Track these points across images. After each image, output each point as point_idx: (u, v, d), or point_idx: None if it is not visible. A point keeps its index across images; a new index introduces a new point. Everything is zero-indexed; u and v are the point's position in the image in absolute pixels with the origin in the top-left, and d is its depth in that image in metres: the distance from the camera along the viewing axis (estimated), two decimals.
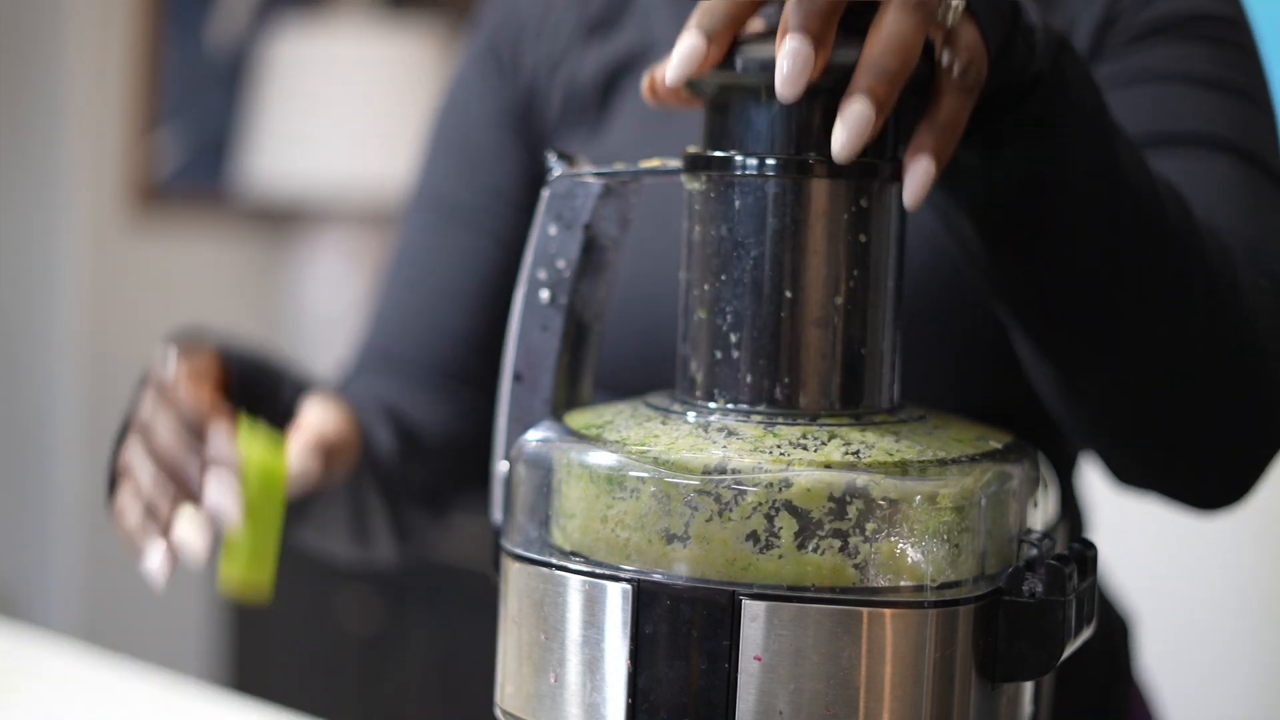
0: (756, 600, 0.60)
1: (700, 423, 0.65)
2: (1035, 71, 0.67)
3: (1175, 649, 1.80)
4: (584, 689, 0.63)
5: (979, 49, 0.63)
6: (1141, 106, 0.84)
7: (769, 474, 0.61)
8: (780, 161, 0.64)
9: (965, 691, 0.63)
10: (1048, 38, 0.68)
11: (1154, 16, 0.87)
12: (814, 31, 0.59)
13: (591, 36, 1.01)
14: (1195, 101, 0.84)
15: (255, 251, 3.12)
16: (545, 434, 0.68)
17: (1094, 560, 0.67)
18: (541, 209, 0.73)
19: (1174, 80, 0.85)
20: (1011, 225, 0.70)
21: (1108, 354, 0.74)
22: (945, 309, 0.86)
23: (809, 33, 0.59)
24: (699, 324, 0.66)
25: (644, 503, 0.62)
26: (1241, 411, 0.78)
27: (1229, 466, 0.80)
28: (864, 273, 0.65)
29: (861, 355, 0.66)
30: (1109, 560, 1.16)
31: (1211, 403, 0.77)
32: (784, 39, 0.59)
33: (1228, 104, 0.85)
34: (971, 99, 0.63)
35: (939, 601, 0.61)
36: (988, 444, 0.67)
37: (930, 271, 0.84)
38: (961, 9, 0.63)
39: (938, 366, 0.86)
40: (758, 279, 0.65)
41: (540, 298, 0.73)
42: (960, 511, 0.62)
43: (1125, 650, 1.05)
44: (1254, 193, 0.82)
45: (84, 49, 2.86)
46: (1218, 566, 1.79)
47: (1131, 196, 0.71)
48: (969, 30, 0.63)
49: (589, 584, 0.63)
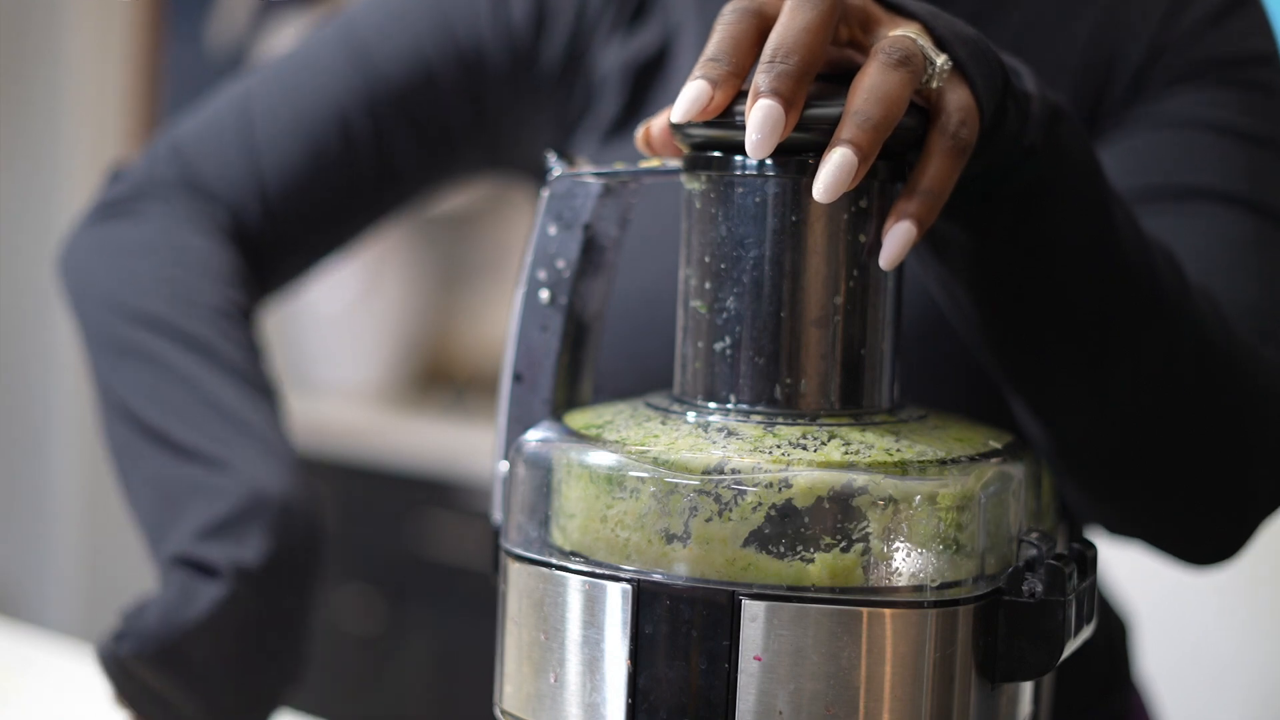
0: (756, 600, 0.60)
1: (700, 423, 0.65)
2: (1029, 143, 0.67)
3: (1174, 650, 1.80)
4: (584, 689, 0.63)
5: (971, 111, 0.63)
6: (1168, 153, 0.84)
7: (769, 474, 0.61)
8: (780, 161, 0.64)
9: (965, 691, 0.63)
10: (1043, 107, 0.67)
11: (1199, 59, 0.86)
12: (785, 94, 0.60)
13: (616, 27, 0.99)
14: (1222, 153, 0.84)
15: None
16: (545, 434, 0.68)
17: (1094, 560, 0.67)
18: (541, 209, 0.73)
19: (1204, 128, 0.85)
20: (1002, 291, 0.70)
21: (1094, 417, 0.74)
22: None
23: (779, 95, 0.60)
24: (698, 324, 0.66)
25: (644, 503, 0.62)
26: (1230, 478, 0.78)
27: (1216, 530, 0.81)
28: (864, 273, 0.65)
29: (861, 355, 0.66)
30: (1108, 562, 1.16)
31: (1199, 468, 0.77)
32: (755, 101, 0.60)
33: (1255, 157, 0.84)
34: (960, 162, 0.63)
35: (939, 601, 0.61)
36: (988, 444, 0.67)
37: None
38: (948, 72, 0.63)
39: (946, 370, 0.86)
40: (757, 279, 0.65)
41: (540, 298, 0.73)
42: (960, 511, 0.62)
43: (1124, 651, 1.05)
44: (1269, 254, 0.82)
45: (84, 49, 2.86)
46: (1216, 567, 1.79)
47: (1124, 267, 0.71)
48: (961, 92, 0.63)
49: (589, 584, 0.63)
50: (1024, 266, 0.69)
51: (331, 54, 1.01)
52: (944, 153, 0.62)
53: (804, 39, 0.60)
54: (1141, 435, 0.75)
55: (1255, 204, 0.83)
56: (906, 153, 0.65)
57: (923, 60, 0.62)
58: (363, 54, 1.00)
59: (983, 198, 0.67)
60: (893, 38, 0.62)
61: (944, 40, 0.64)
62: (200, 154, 1.01)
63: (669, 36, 0.97)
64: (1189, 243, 0.79)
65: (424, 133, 1.00)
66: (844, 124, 0.60)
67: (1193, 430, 0.75)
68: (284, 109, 1.00)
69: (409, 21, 1.00)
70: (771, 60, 0.60)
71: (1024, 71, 0.68)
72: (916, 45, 0.62)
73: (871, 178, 0.64)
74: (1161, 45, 0.87)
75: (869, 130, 0.60)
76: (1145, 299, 0.71)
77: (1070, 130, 0.69)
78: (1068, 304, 0.70)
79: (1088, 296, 0.70)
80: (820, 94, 0.62)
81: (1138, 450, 0.75)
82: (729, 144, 0.64)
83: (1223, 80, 0.86)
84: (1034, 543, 0.64)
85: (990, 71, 0.64)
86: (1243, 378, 0.76)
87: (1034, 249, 0.69)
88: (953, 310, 0.73)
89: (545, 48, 1.00)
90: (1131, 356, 0.72)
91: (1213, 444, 0.76)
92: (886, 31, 0.64)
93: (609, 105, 0.98)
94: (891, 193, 0.65)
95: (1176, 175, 0.83)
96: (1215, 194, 0.83)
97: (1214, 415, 0.75)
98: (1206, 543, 0.82)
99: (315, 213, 1.02)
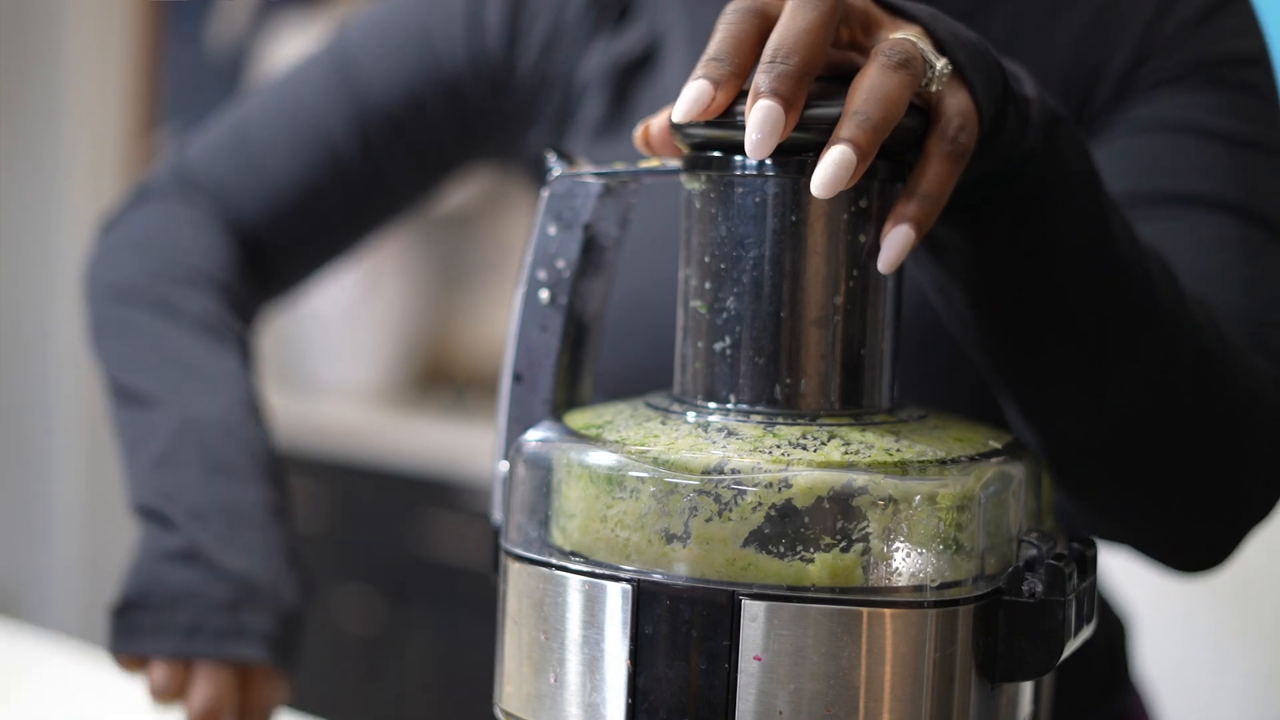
0: (756, 600, 0.60)
1: (700, 423, 0.65)
2: (1029, 147, 0.67)
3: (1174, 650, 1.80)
4: (584, 689, 0.63)
5: (970, 115, 0.63)
6: (1156, 158, 0.84)
7: (768, 474, 0.61)
8: (780, 161, 0.64)
9: (965, 691, 0.63)
10: (1043, 111, 0.67)
11: (1184, 60, 0.86)
12: (784, 94, 0.60)
13: (598, 30, 1.00)
14: (1210, 158, 0.84)
15: None
16: (545, 434, 0.68)
17: (1094, 560, 0.67)
18: (541, 209, 0.73)
19: (1191, 133, 0.84)
20: (1000, 294, 0.70)
21: (1090, 421, 0.74)
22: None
23: (779, 96, 0.60)
24: (698, 324, 0.66)
25: (644, 503, 0.62)
26: (1224, 482, 0.78)
27: (1207, 536, 0.81)
28: (864, 273, 0.65)
29: (861, 355, 0.66)
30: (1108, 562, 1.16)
31: (1192, 472, 0.77)
32: (755, 101, 0.60)
33: (1242, 161, 0.84)
34: (959, 166, 0.63)
35: (939, 601, 0.61)
36: (988, 444, 0.67)
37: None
38: (948, 75, 0.63)
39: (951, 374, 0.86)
40: (757, 279, 0.65)
41: (540, 298, 0.73)
42: (960, 511, 0.62)
43: (1123, 651, 1.05)
44: (1259, 260, 0.82)
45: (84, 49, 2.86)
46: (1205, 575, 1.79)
47: (1122, 270, 0.71)
48: (961, 95, 0.63)
49: (589, 584, 0.63)
50: (1022, 270, 0.69)
51: (324, 76, 1.05)
52: (942, 157, 0.63)
53: (804, 40, 0.60)
54: (1136, 440, 0.75)
55: (1244, 209, 0.82)
56: (906, 153, 0.65)
57: (923, 63, 0.62)
58: (353, 78, 1.04)
59: (982, 201, 0.67)
60: (893, 40, 0.62)
61: (944, 43, 0.64)
62: (201, 171, 1.07)
63: (656, 39, 0.98)
64: (1178, 248, 0.79)
65: (414, 147, 1.04)
66: (843, 123, 0.60)
67: (1187, 435, 0.75)
68: (279, 129, 1.05)
69: (395, 45, 1.04)
70: (772, 60, 0.60)
71: (1023, 76, 0.68)
72: (917, 48, 0.62)
73: (871, 178, 0.64)
74: (1148, 47, 0.87)
75: (868, 130, 0.60)
76: (1142, 302, 0.72)
77: (1068, 135, 0.69)
78: (1065, 307, 0.70)
79: (1086, 299, 0.70)
80: (820, 94, 0.62)
81: (1132, 455, 0.75)
82: (729, 144, 0.64)
83: (1210, 82, 0.86)
84: (1034, 543, 0.64)
85: (990, 76, 0.64)
86: (1236, 383, 0.76)
87: (1032, 252, 0.69)
88: (948, 313, 0.73)
89: (521, 58, 1.02)
90: (1128, 360, 0.72)
91: (1207, 449, 0.76)
92: (887, 34, 0.64)
93: (594, 107, 0.98)
94: (891, 193, 0.65)
95: (1165, 181, 0.83)
96: (1204, 200, 0.82)
97: (1208, 420, 0.75)
98: (1197, 549, 0.82)
99: (312, 225, 1.06)
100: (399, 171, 1.05)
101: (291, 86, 1.07)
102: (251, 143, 1.05)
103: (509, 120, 1.03)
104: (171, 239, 1.03)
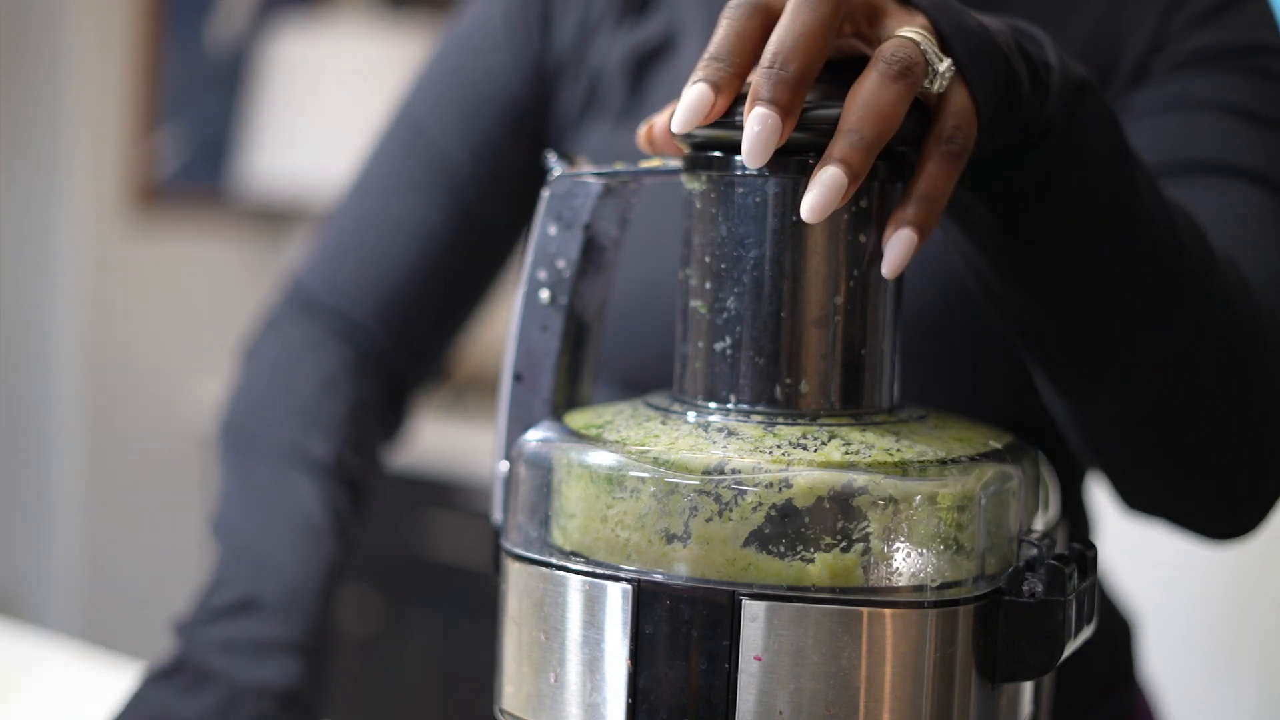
0: (756, 600, 0.60)
1: (700, 423, 0.65)
2: (1048, 117, 0.66)
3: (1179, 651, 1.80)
4: (584, 689, 0.63)
5: (966, 114, 0.63)
6: (1178, 133, 0.84)
7: (769, 474, 0.61)
8: (780, 162, 0.64)
9: (965, 691, 0.63)
10: (1064, 79, 0.67)
11: (1200, 45, 0.87)
12: (782, 102, 0.60)
13: (623, 19, 1.01)
14: (1231, 131, 0.84)
15: (255, 251, 3.12)
16: (545, 434, 0.68)
17: (1094, 560, 0.67)
18: (541, 209, 0.73)
19: (1211, 109, 0.85)
20: (1026, 264, 0.70)
21: (1121, 387, 0.74)
22: (962, 316, 0.86)
23: (777, 104, 0.60)
24: (699, 323, 0.66)
25: (644, 503, 0.62)
26: (1255, 446, 0.78)
27: (1240, 500, 0.80)
28: (864, 273, 0.65)
29: (861, 355, 0.66)
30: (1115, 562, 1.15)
31: (1225, 437, 0.77)
32: (752, 108, 0.60)
33: (1265, 136, 0.84)
34: (957, 165, 0.63)
35: (939, 601, 0.61)
36: (988, 444, 0.67)
37: (945, 280, 0.84)
38: (950, 76, 0.63)
39: (954, 373, 0.86)
40: (757, 279, 0.65)
41: (540, 298, 0.73)
42: (960, 511, 0.62)
43: (1127, 652, 1.05)
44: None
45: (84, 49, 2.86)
46: (1222, 569, 1.79)
47: (1150, 236, 0.70)
48: (960, 94, 0.63)
49: (589, 584, 0.63)
50: (1047, 235, 0.68)
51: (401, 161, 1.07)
52: (939, 158, 0.62)
53: (804, 44, 0.60)
54: (1169, 405, 0.74)
55: (1267, 179, 0.82)
56: (907, 151, 0.64)
57: (924, 68, 0.61)
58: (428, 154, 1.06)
59: (1008, 169, 0.67)
60: (896, 43, 0.61)
61: (947, 38, 0.63)
62: (318, 290, 1.07)
63: (674, 30, 0.98)
64: (1208, 214, 0.79)
65: (505, 187, 1.05)
66: (836, 141, 0.60)
67: (1220, 398, 0.75)
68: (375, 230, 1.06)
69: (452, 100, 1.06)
70: (770, 66, 0.60)
71: (1045, 41, 0.68)
72: (919, 51, 0.61)
73: (872, 178, 0.64)
74: (1163, 36, 0.87)
75: (860, 150, 0.60)
76: (1173, 265, 0.71)
77: (1092, 99, 0.68)
78: (1095, 275, 0.70)
79: (1114, 264, 0.70)
80: (821, 94, 0.62)
81: (1165, 422, 0.75)
82: (729, 144, 0.64)
83: (1229, 66, 0.86)
84: (1034, 543, 0.64)
85: (992, 67, 0.64)
86: (1266, 346, 0.76)
87: (1056, 218, 0.68)
88: (978, 287, 0.73)
89: (554, 51, 1.03)
90: (1160, 322, 0.72)
91: (1239, 414, 0.76)
92: (893, 24, 0.63)
93: (614, 95, 0.99)
94: (892, 192, 0.65)
95: (1188, 151, 0.83)
96: (1231, 169, 0.82)
97: (1241, 383, 0.75)
98: (1230, 517, 0.81)
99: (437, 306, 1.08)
100: (500, 216, 1.06)
101: (371, 181, 1.08)
102: (350, 249, 1.06)
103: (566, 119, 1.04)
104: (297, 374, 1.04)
